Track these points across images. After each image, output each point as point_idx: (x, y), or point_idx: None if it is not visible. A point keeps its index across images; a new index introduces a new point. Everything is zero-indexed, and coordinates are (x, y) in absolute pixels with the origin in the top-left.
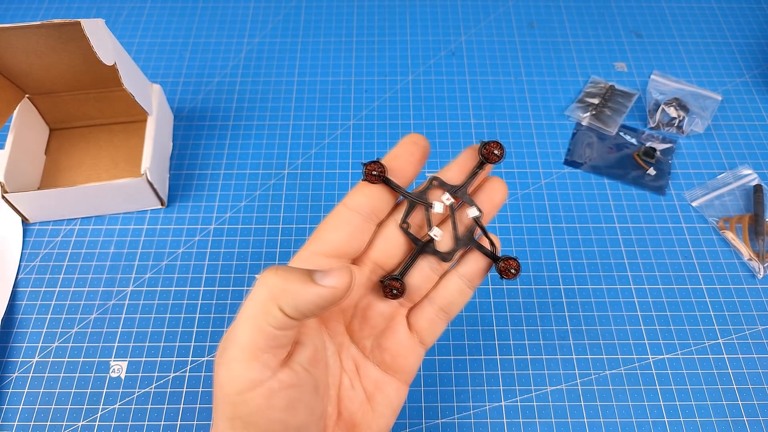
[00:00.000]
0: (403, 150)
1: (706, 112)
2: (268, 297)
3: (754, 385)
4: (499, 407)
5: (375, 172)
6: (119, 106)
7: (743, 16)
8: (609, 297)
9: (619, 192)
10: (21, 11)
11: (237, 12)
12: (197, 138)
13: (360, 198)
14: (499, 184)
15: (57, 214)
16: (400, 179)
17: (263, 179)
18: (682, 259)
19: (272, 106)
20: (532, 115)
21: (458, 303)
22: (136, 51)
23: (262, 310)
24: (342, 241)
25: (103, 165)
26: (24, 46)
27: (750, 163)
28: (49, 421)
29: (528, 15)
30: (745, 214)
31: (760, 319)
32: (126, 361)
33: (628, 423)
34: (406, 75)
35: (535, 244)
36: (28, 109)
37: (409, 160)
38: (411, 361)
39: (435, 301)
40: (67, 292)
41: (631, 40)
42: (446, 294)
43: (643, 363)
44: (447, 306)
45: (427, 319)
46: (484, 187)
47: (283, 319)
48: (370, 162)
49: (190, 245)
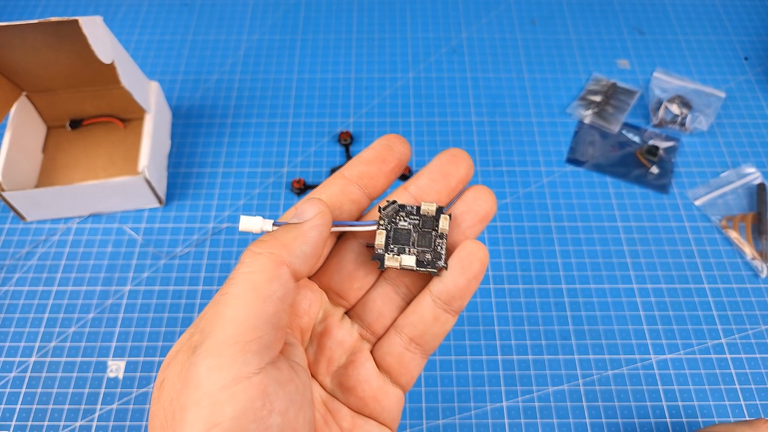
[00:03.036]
0: (374, 155)
1: (709, 109)
2: (270, 261)
3: (756, 385)
4: (501, 408)
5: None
6: (117, 104)
7: (746, 13)
8: (611, 296)
9: (622, 190)
10: (19, 9)
11: (236, 9)
12: (196, 136)
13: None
14: (484, 193)
15: (54, 212)
16: (369, 190)
17: (262, 177)
18: (685, 258)
19: (271, 103)
20: (534, 113)
21: (434, 333)
22: (134, 48)
23: (267, 276)
24: None
25: (101, 163)
26: (22, 44)
27: (753, 161)
28: (47, 421)
29: (529, 12)
30: (749, 213)
31: (763, 319)
32: (124, 361)
33: (631, 423)
34: (406, 72)
35: (537, 243)
36: (25, 106)
37: (380, 169)
38: (385, 403)
39: (403, 331)
40: (65, 291)
41: (633, 37)
42: (416, 321)
43: (645, 363)
44: (419, 337)
45: (395, 355)
46: (465, 196)
47: (288, 287)
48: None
49: (188, 244)
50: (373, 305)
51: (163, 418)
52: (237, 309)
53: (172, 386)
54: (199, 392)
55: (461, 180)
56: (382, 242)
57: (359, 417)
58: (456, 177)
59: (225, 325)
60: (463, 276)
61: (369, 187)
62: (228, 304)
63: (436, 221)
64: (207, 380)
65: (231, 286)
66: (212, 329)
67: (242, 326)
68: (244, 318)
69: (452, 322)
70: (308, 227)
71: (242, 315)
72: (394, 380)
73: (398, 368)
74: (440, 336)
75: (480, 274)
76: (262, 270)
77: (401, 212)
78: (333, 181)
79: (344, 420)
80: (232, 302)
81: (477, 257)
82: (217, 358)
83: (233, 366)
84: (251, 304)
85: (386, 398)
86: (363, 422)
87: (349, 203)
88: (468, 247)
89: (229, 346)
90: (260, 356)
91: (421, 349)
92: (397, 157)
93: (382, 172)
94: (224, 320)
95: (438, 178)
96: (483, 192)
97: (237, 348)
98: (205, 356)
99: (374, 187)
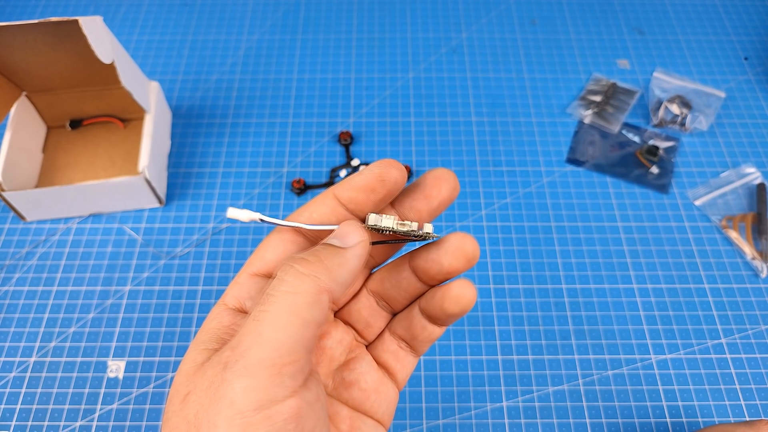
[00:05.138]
0: (365, 183)
1: (709, 109)
2: (314, 286)
3: (756, 385)
4: (501, 408)
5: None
6: (117, 104)
7: (746, 13)
8: (611, 296)
9: (622, 190)
10: (19, 9)
11: (236, 9)
12: (196, 136)
13: (306, 220)
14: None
15: (54, 212)
16: (356, 214)
17: (262, 177)
18: (685, 258)
19: (271, 103)
20: (534, 113)
21: (422, 340)
22: (134, 48)
23: (308, 301)
24: (281, 261)
25: (101, 163)
26: (22, 44)
27: (753, 161)
28: (47, 421)
29: (530, 12)
30: (748, 213)
31: (763, 319)
32: (124, 361)
33: (631, 423)
34: (406, 72)
35: (537, 243)
36: (25, 106)
37: (368, 198)
38: (384, 396)
39: (396, 332)
40: (65, 291)
41: (633, 37)
42: (406, 326)
43: (645, 363)
44: (410, 340)
45: (391, 351)
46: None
47: (326, 313)
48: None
49: (188, 244)
50: (359, 315)
51: (186, 431)
52: (276, 331)
53: (199, 401)
54: (232, 410)
55: (443, 201)
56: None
57: (357, 418)
58: (437, 198)
59: (263, 345)
60: (442, 311)
61: (356, 212)
62: (267, 324)
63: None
64: (241, 399)
65: (271, 305)
66: (249, 348)
67: (281, 349)
68: (283, 341)
69: (439, 333)
70: (351, 255)
71: (281, 338)
72: (391, 375)
73: (395, 363)
74: (429, 342)
75: (460, 315)
76: (306, 294)
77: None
78: (324, 201)
79: (343, 423)
80: (272, 322)
81: (460, 303)
82: (253, 378)
83: (269, 388)
84: (291, 327)
85: (386, 391)
86: (360, 423)
87: (337, 223)
88: (456, 289)
89: (266, 368)
90: (295, 379)
91: (411, 350)
92: (388, 188)
93: (371, 201)
94: (262, 340)
95: (419, 198)
96: (466, 241)
97: (274, 370)
98: (240, 374)
99: (362, 212)
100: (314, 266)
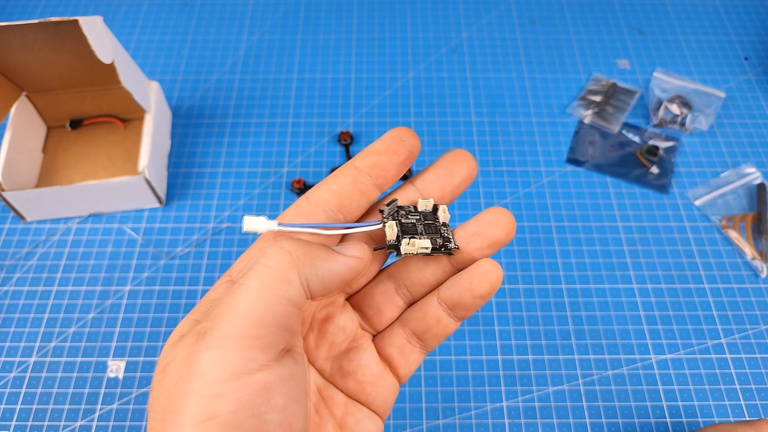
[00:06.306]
0: (385, 146)
1: (709, 109)
2: (289, 263)
3: (756, 385)
4: (501, 408)
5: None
6: (117, 104)
7: (746, 13)
8: (611, 296)
9: (622, 190)
10: (19, 9)
11: (236, 9)
12: (196, 136)
13: (325, 193)
14: (501, 218)
15: (54, 212)
16: (380, 181)
17: (262, 177)
18: (685, 258)
19: (271, 103)
20: (534, 113)
21: (436, 333)
22: (134, 48)
23: (282, 277)
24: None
25: (101, 163)
26: (22, 44)
27: (753, 161)
28: (47, 421)
29: (529, 12)
30: (749, 213)
31: (763, 319)
32: (124, 361)
33: (631, 423)
34: (406, 72)
35: (537, 243)
36: (25, 106)
37: (391, 160)
38: (382, 389)
39: (407, 324)
40: (65, 291)
41: (633, 36)
42: (420, 318)
43: (645, 363)
44: (422, 333)
45: (398, 345)
46: (480, 217)
47: (300, 295)
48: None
49: (188, 244)
50: (372, 300)
51: (165, 401)
52: (248, 303)
53: (177, 371)
54: (201, 381)
55: (465, 178)
56: (395, 233)
57: (352, 404)
58: (460, 174)
59: (235, 317)
60: (470, 293)
61: (380, 177)
62: (240, 296)
63: (435, 215)
64: (210, 371)
65: (249, 278)
66: (221, 319)
67: (250, 322)
68: (253, 314)
69: (454, 327)
70: (339, 259)
71: (252, 310)
72: (393, 370)
73: (399, 359)
74: (441, 337)
75: (488, 295)
76: (279, 270)
77: (401, 211)
78: (344, 172)
79: (337, 408)
80: (246, 296)
81: (488, 279)
82: (223, 350)
83: (237, 360)
84: (262, 300)
85: (384, 384)
86: (356, 410)
87: (359, 195)
88: (483, 266)
89: (236, 340)
90: (265, 353)
91: (421, 344)
92: (408, 148)
93: (393, 164)
94: (233, 312)
95: (442, 174)
96: (500, 217)
97: (243, 343)
98: (210, 346)
99: (384, 178)
100: (298, 247)
